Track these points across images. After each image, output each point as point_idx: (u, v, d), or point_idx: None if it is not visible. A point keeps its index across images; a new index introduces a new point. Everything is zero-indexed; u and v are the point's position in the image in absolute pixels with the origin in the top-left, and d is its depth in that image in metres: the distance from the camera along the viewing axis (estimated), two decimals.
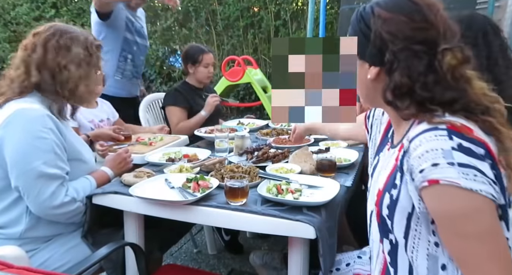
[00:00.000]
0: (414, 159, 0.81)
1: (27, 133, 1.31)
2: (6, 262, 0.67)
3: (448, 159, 0.76)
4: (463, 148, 0.77)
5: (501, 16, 3.31)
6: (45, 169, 1.32)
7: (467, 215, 0.77)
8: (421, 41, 0.86)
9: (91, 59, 1.46)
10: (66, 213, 1.39)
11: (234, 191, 1.28)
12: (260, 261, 1.88)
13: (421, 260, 0.88)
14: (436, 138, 0.79)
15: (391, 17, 0.88)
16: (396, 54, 0.86)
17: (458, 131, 0.79)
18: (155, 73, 6.77)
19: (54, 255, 1.40)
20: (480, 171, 0.76)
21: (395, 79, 0.87)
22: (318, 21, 4.54)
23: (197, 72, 2.71)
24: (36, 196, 1.32)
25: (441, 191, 0.78)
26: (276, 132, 2.34)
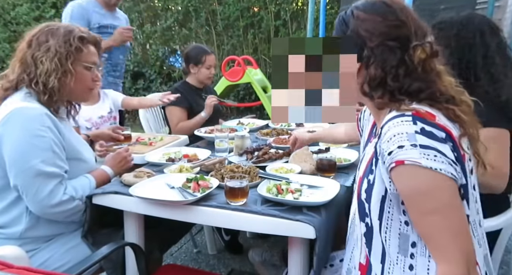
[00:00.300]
0: (384, 143, 0.89)
1: (26, 131, 1.31)
2: (6, 262, 0.67)
3: (412, 141, 0.84)
4: (426, 132, 0.85)
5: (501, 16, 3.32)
6: (43, 167, 1.31)
7: (428, 192, 0.85)
8: (395, 38, 0.95)
9: (69, 50, 1.40)
10: (65, 211, 1.38)
11: (234, 191, 1.28)
12: (259, 258, 1.88)
13: (393, 239, 0.95)
14: (402, 123, 0.87)
15: (368, 17, 0.98)
16: (373, 49, 0.96)
17: (422, 117, 0.87)
18: (155, 73, 6.77)
19: (54, 255, 1.40)
20: (440, 152, 0.84)
21: (371, 72, 0.96)
22: (318, 21, 4.54)
23: (199, 73, 2.71)
24: (34, 195, 1.32)
25: (405, 170, 0.85)
26: (276, 132, 2.34)
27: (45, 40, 1.39)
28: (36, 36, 1.40)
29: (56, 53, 1.38)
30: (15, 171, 1.31)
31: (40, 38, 1.39)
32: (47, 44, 1.38)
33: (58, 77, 1.38)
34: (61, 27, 1.43)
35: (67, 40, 1.40)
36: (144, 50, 6.95)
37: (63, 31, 1.41)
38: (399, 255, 0.95)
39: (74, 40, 1.41)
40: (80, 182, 1.45)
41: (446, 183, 0.84)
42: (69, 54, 1.40)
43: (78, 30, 1.45)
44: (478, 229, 0.96)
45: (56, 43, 1.38)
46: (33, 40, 1.40)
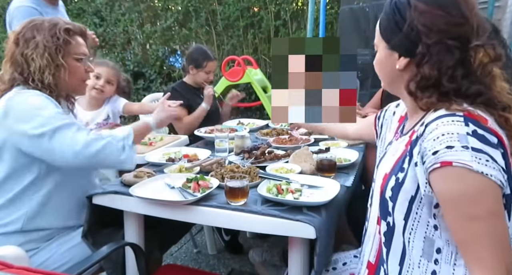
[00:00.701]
0: (429, 141, 0.83)
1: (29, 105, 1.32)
2: (6, 262, 0.67)
3: (463, 143, 0.79)
4: (478, 135, 0.80)
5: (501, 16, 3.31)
6: (53, 124, 1.30)
7: (475, 197, 0.80)
8: (455, 37, 0.87)
9: (57, 44, 1.38)
10: (99, 152, 1.33)
11: (234, 191, 1.28)
12: (260, 258, 1.88)
13: (417, 242, 0.91)
14: (453, 122, 0.82)
15: (428, 10, 0.88)
16: (429, 47, 0.88)
17: (474, 119, 0.82)
18: (155, 73, 6.76)
19: (54, 255, 1.40)
20: (491, 157, 0.79)
21: (424, 71, 0.89)
22: (318, 21, 4.54)
23: (197, 75, 2.73)
24: (58, 150, 1.29)
25: (453, 172, 0.80)
26: (276, 132, 2.34)
27: (31, 37, 1.37)
28: (21, 34, 1.38)
29: (45, 49, 1.36)
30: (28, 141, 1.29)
31: (27, 35, 1.37)
32: (35, 40, 1.36)
33: (52, 72, 1.38)
34: (45, 21, 1.40)
35: (53, 34, 1.38)
36: (144, 50, 6.94)
37: (48, 25, 1.39)
38: (422, 258, 0.91)
39: (61, 33, 1.39)
40: (110, 131, 1.44)
41: (494, 189, 0.80)
42: (58, 48, 1.38)
43: (63, 22, 1.43)
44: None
45: (43, 38, 1.36)
46: (19, 38, 1.37)
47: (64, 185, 1.42)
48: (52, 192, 1.40)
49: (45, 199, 1.39)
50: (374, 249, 1.03)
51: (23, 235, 1.37)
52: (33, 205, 1.37)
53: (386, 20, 0.97)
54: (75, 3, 7.06)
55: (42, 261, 1.38)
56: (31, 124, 1.29)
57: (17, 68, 1.37)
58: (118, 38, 6.81)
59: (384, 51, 0.98)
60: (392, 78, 1.00)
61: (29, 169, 1.36)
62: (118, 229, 1.50)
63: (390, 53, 0.96)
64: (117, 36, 6.81)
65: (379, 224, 1.01)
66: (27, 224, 1.37)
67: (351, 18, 4.15)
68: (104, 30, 6.83)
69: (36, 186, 1.37)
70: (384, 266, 0.99)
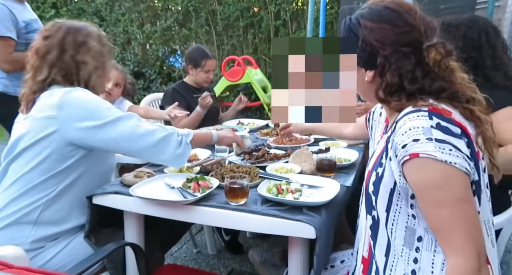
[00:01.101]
0: (399, 136, 0.90)
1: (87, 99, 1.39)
2: (6, 262, 0.67)
3: (427, 135, 0.86)
4: (441, 127, 0.87)
5: (501, 16, 3.32)
6: (115, 115, 1.36)
7: (442, 185, 0.86)
8: (407, 44, 0.95)
9: (104, 50, 1.51)
10: (162, 140, 1.38)
11: (234, 191, 1.28)
12: (260, 258, 1.88)
13: (399, 232, 0.97)
14: (418, 117, 0.89)
15: (376, 26, 0.97)
16: (387, 57, 0.96)
17: (438, 112, 0.88)
18: (155, 73, 6.77)
19: (58, 255, 1.40)
20: (455, 147, 0.85)
21: (387, 79, 0.97)
22: (318, 21, 4.54)
23: (196, 75, 2.72)
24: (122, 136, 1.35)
25: (420, 163, 0.86)
26: (276, 132, 2.34)
27: (83, 42, 1.45)
28: (69, 39, 1.43)
29: (97, 53, 1.48)
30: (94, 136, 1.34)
31: (77, 39, 1.45)
32: (88, 46, 1.46)
33: (100, 75, 1.50)
34: (89, 28, 1.50)
35: (99, 41, 1.50)
36: (144, 50, 6.95)
37: (93, 32, 1.50)
38: (404, 247, 0.96)
39: (103, 40, 1.52)
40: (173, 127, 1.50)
41: (459, 176, 0.85)
42: (105, 54, 1.52)
43: (97, 29, 1.54)
44: (491, 228, 0.97)
45: (95, 44, 1.47)
46: (67, 43, 1.43)
47: (82, 181, 1.44)
48: (71, 187, 1.41)
49: (63, 193, 1.40)
50: (366, 244, 1.06)
51: (35, 229, 1.37)
52: (51, 197, 1.38)
53: (345, 42, 1.05)
54: (75, 3, 7.07)
55: (46, 261, 1.38)
56: (93, 118, 1.34)
57: (64, 71, 1.43)
58: (118, 38, 6.81)
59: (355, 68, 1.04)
60: (365, 91, 1.07)
61: (62, 161, 1.38)
62: (120, 229, 1.50)
63: (359, 68, 1.03)
64: (117, 36, 6.82)
65: (366, 219, 1.06)
66: (42, 216, 1.38)
67: None
68: (104, 30, 6.77)
69: (59, 178, 1.39)
70: (375, 258, 1.02)
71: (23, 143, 1.38)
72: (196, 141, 1.52)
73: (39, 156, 1.36)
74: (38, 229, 1.38)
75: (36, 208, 1.37)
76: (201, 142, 1.59)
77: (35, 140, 1.36)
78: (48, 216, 1.39)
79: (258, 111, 5.77)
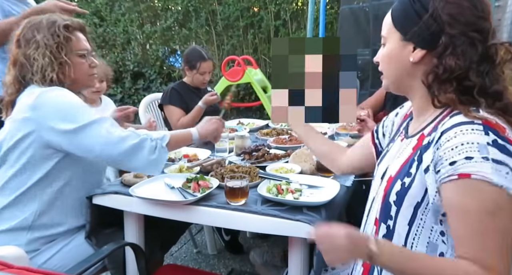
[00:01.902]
0: (446, 150, 0.80)
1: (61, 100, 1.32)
2: (6, 262, 0.67)
3: (483, 154, 0.76)
4: (498, 145, 0.77)
5: (501, 16, 3.32)
6: (88, 119, 1.30)
7: (494, 212, 0.76)
8: (479, 30, 0.85)
9: (58, 41, 1.37)
10: (134, 147, 1.31)
11: (234, 191, 1.28)
12: (261, 259, 1.88)
13: (420, 247, 0.89)
14: (473, 131, 0.78)
15: (455, 0, 0.86)
16: (453, 38, 0.85)
17: (494, 128, 0.78)
18: (155, 73, 6.76)
19: (57, 256, 1.40)
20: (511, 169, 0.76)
21: (447, 63, 0.85)
22: (318, 21, 4.54)
23: (193, 77, 2.72)
24: (92, 144, 1.29)
25: (470, 185, 0.77)
26: (276, 132, 2.34)
27: (32, 36, 1.36)
28: (22, 34, 1.38)
29: (47, 47, 1.35)
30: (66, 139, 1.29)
31: (27, 35, 1.37)
32: (35, 40, 1.35)
33: (56, 70, 1.37)
34: (43, 20, 1.39)
35: (53, 32, 1.37)
36: (144, 50, 6.94)
37: (46, 23, 1.38)
38: None
39: (60, 30, 1.38)
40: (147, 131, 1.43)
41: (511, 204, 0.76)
42: (59, 46, 1.37)
43: (61, 19, 1.42)
44: None
45: (44, 37, 1.35)
46: (20, 40, 1.37)
47: (75, 183, 1.42)
48: (63, 189, 1.40)
49: (56, 196, 1.39)
50: None
51: (31, 233, 1.37)
52: (44, 201, 1.37)
53: (402, 10, 0.93)
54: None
55: (43, 261, 1.38)
56: (66, 119, 1.29)
57: (20, 69, 1.37)
58: (118, 38, 6.81)
59: (396, 43, 0.94)
60: (401, 73, 0.95)
61: (46, 162, 1.35)
62: (121, 229, 1.50)
63: (404, 44, 0.92)
64: (117, 36, 6.81)
65: (376, 225, 0.99)
66: (36, 221, 1.37)
67: (351, 18, 4.15)
68: (104, 30, 6.83)
69: (49, 181, 1.37)
70: (378, 267, 0.97)
71: (5, 145, 1.34)
72: (174, 143, 1.44)
73: (21, 159, 1.33)
74: (34, 233, 1.37)
75: (30, 215, 1.36)
76: (180, 143, 1.52)
77: (14, 141, 1.32)
78: (43, 221, 1.38)
79: (258, 111, 5.77)
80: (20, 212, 1.36)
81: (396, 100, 2.40)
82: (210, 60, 2.73)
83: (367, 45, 3.94)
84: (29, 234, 1.36)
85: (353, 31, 4.10)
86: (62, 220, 1.43)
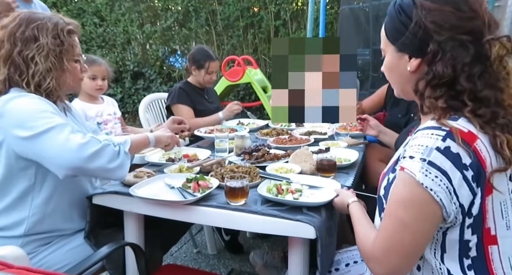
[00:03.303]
0: (408, 147, 0.87)
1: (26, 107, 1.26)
2: (6, 262, 0.67)
3: (423, 156, 0.82)
4: (448, 152, 0.81)
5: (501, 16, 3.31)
6: (46, 125, 1.22)
7: (406, 204, 0.84)
8: (467, 31, 0.85)
9: (62, 47, 1.34)
10: (96, 154, 1.23)
11: (234, 191, 1.28)
12: (261, 260, 1.88)
13: None
14: (432, 135, 0.84)
15: (436, 7, 0.87)
16: (441, 44, 0.86)
17: (456, 136, 0.81)
18: (155, 73, 6.77)
19: (55, 257, 1.39)
20: (446, 176, 0.81)
21: (437, 69, 0.86)
22: (318, 21, 4.54)
23: (199, 76, 2.75)
24: (51, 151, 1.21)
25: (401, 176, 0.86)
26: (276, 132, 2.34)
27: (33, 37, 1.30)
28: (20, 32, 1.30)
29: (50, 52, 1.31)
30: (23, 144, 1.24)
31: (27, 34, 1.30)
32: (39, 43, 1.30)
33: (56, 76, 1.34)
34: (45, 20, 1.33)
35: (56, 36, 1.33)
36: (144, 50, 6.95)
37: (50, 25, 1.33)
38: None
39: (65, 36, 1.35)
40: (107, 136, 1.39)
41: (428, 204, 0.82)
42: (63, 52, 1.34)
43: (63, 21, 1.37)
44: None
45: (48, 40, 1.31)
46: (17, 37, 1.29)
47: (64, 187, 1.39)
48: (53, 195, 1.37)
49: (47, 203, 1.36)
50: None
51: (26, 238, 1.36)
52: (35, 210, 1.35)
53: (390, 22, 0.96)
54: (75, 3, 7.06)
55: (44, 261, 1.37)
56: (24, 126, 1.24)
57: (15, 69, 1.31)
58: (118, 38, 6.81)
59: (393, 55, 0.97)
60: (403, 82, 0.98)
61: (25, 172, 1.32)
62: (120, 229, 1.50)
63: (400, 55, 0.95)
64: (117, 36, 6.81)
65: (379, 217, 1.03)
66: (30, 229, 1.35)
67: (351, 18, 4.16)
68: (104, 30, 6.84)
69: (36, 190, 1.35)
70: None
71: None
72: (134, 147, 1.41)
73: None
74: (29, 238, 1.36)
75: (20, 226, 1.34)
76: (139, 147, 1.50)
77: None
78: (37, 229, 1.36)
79: (258, 111, 5.77)
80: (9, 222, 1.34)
81: (397, 100, 2.41)
82: (217, 60, 2.79)
83: (367, 45, 3.95)
84: (24, 239, 1.35)
85: (353, 31, 4.11)
86: (59, 226, 1.42)
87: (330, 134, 2.27)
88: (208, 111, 2.73)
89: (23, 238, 1.35)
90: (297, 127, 2.47)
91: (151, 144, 1.53)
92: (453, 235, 0.87)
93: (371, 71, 3.89)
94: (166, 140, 1.60)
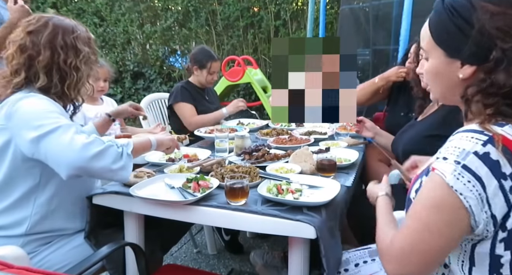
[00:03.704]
0: (444, 148, 0.82)
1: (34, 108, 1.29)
2: (6, 262, 0.67)
3: (459, 158, 0.77)
4: (486, 158, 0.76)
5: None
6: (51, 126, 1.24)
7: (433, 205, 0.80)
8: None
9: (93, 55, 1.45)
10: (99, 154, 1.23)
11: (234, 191, 1.28)
12: (261, 260, 1.88)
13: None
14: (471, 139, 0.78)
15: (500, 11, 0.79)
16: (506, 52, 0.79)
17: (500, 143, 0.76)
18: (155, 73, 6.77)
19: (55, 256, 1.40)
20: (481, 183, 0.75)
21: (497, 78, 0.80)
22: (318, 21, 4.54)
23: (201, 76, 2.77)
24: (55, 150, 1.22)
25: (431, 177, 0.81)
26: (276, 132, 2.34)
27: (74, 45, 1.37)
28: (58, 40, 1.34)
29: (88, 59, 1.42)
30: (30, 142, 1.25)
31: (68, 42, 1.36)
32: (80, 50, 1.38)
33: (86, 82, 1.45)
34: (80, 30, 1.41)
35: (88, 45, 1.43)
36: (144, 50, 6.95)
37: (84, 35, 1.42)
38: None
39: (91, 43, 1.46)
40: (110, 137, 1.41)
41: (456, 209, 0.77)
42: (92, 58, 1.45)
43: (85, 30, 1.46)
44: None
45: (85, 48, 1.40)
46: (57, 44, 1.34)
47: (67, 187, 1.40)
48: (56, 195, 1.38)
49: (50, 202, 1.37)
50: None
51: (27, 237, 1.36)
52: (37, 209, 1.36)
53: (441, 25, 0.87)
54: (75, 3, 7.07)
55: (44, 261, 1.38)
56: (32, 126, 1.25)
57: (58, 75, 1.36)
58: (118, 38, 6.82)
59: (441, 59, 0.88)
60: (450, 89, 0.90)
61: (30, 172, 1.33)
62: (120, 229, 1.50)
63: (450, 61, 0.87)
64: (117, 36, 6.82)
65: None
66: (32, 228, 1.36)
67: (351, 18, 4.16)
68: (104, 30, 6.84)
69: (40, 189, 1.35)
70: None
71: None
72: (137, 150, 1.40)
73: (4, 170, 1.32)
74: (30, 237, 1.36)
75: (22, 225, 1.35)
76: (142, 150, 1.49)
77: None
78: (38, 228, 1.37)
79: (258, 111, 5.77)
80: (11, 221, 1.34)
81: (396, 98, 2.41)
82: (219, 60, 2.82)
83: (367, 45, 3.95)
84: (24, 238, 1.35)
85: (353, 31, 4.11)
86: (60, 225, 1.42)
87: (330, 134, 2.27)
88: (208, 112, 2.74)
89: (24, 237, 1.35)
90: (297, 127, 2.47)
91: (153, 147, 1.53)
92: (483, 248, 0.82)
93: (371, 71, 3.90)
94: (168, 143, 1.60)
